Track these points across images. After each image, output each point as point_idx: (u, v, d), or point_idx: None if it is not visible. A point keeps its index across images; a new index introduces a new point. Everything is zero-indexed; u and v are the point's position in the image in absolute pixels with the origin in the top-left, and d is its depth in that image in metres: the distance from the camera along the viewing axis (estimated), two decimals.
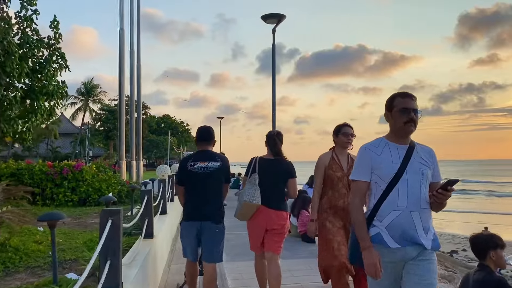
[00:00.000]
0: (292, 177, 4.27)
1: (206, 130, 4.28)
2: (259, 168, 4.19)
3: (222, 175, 4.12)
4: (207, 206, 3.98)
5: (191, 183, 4.06)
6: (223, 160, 4.16)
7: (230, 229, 8.72)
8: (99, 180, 11.29)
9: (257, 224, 4.16)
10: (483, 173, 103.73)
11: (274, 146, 4.26)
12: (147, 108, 73.64)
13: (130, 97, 18.44)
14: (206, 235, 3.96)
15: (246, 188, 4.14)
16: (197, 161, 4.07)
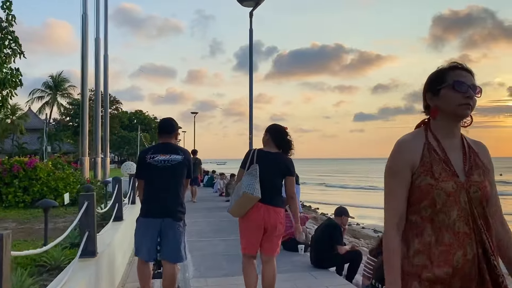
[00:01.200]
0: (291, 175, 4.01)
1: (168, 121, 4.15)
2: (258, 161, 3.89)
3: (184, 169, 3.93)
4: (168, 202, 3.79)
5: (150, 177, 3.86)
6: (185, 154, 3.99)
7: (200, 235, 8.05)
8: (56, 179, 10.15)
9: (255, 222, 3.82)
10: None
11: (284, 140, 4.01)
12: (119, 103, 71.99)
13: (96, 90, 17.21)
14: (167, 233, 3.76)
15: (244, 179, 3.81)
16: (157, 154, 3.88)
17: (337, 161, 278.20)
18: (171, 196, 3.83)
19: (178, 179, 3.90)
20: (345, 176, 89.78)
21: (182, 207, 3.91)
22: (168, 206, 3.79)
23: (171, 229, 3.77)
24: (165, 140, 4.05)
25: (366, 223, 30.52)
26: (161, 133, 4.10)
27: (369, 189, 56.11)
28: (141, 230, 3.84)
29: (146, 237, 3.79)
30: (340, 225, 5.54)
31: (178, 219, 3.82)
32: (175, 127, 4.14)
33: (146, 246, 3.81)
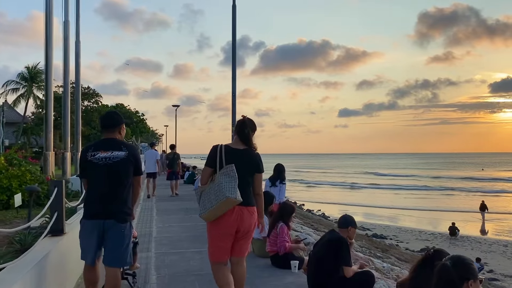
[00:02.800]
0: (260, 171, 3.84)
1: (109, 115, 3.99)
2: (226, 159, 3.67)
3: (130, 167, 3.70)
4: (111, 203, 3.58)
5: (91, 176, 3.68)
6: (130, 149, 3.74)
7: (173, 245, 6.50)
8: (9, 176, 8.83)
9: (227, 226, 3.58)
10: (424, 167, 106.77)
11: (243, 132, 3.79)
12: (99, 96, 69.81)
13: (64, 79, 15.74)
14: (109, 236, 3.57)
15: (222, 181, 3.55)
16: (98, 151, 3.67)
17: (320, 156, 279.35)
18: (114, 196, 3.59)
19: (122, 178, 3.64)
20: (326, 172, 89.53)
21: (127, 207, 3.66)
22: (109, 207, 3.56)
23: (114, 232, 3.56)
24: (108, 135, 3.79)
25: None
26: (104, 128, 3.84)
27: (346, 186, 55.94)
28: (83, 233, 3.64)
29: (88, 240, 3.59)
30: (346, 239, 4.36)
31: (121, 221, 3.58)
32: (119, 121, 3.88)
33: (89, 249, 3.60)
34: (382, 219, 30.49)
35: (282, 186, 7.98)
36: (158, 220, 8.97)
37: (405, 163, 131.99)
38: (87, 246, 3.61)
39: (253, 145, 3.83)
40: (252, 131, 3.85)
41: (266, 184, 8.09)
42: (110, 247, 3.58)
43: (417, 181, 59.79)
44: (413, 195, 44.93)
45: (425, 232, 25.28)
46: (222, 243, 3.63)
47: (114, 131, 3.81)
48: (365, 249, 11.94)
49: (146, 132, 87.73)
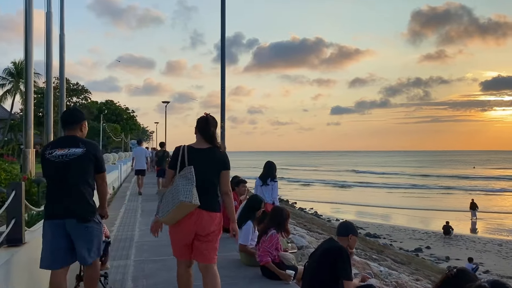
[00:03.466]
0: (226, 168, 3.66)
1: (70, 112, 3.98)
2: (189, 160, 3.52)
3: (89, 164, 3.57)
4: (69, 202, 3.45)
5: (49, 174, 3.57)
6: (88, 146, 3.60)
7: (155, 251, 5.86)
8: None
9: (185, 228, 3.47)
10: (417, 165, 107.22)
11: (207, 130, 3.64)
12: (88, 93, 68.89)
13: (47, 73, 14.98)
14: (74, 237, 3.45)
15: (179, 184, 3.41)
16: (55, 148, 3.55)
17: (312, 154, 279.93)
18: (72, 195, 3.48)
19: (80, 175, 3.52)
20: (317, 170, 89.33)
21: (88, 205, 3.54)
22: (68, 206, 3.46)
23: (77, 231, 3.46)
24: (68, 132, 3.69)
25: (345, 218, 29.56)
26: (64, 125, 3.74)
27: (338, 185, 55.67)
28: (45, 234, 3.52)
29: (51, 242, 3.45)
30: (346, 248, 3.84)
31: (82, 220, 3.46)
32: (80, 117, 3.77)
33: (53, 251, 3.43)
34: (374, 217, 30.20)
35: (274, 184, 7.45)
36: (142, 223, 8.40)
37: (397, 161, 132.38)
38: (50, 248, 3.46)
39: (218, 143, 3.68)
40: (215, 129, 3.71)
41: (256, 183, 7.54)
42: (79, 247, 3.48)
43: (408, 180, 59.73)
44: (404, 194, 44.77)
45: (418, 231, 24.97)
46: (181, 244, 3.55)
47: (74, 128, 3.69)
48: (360, 250, 11.46)
49: (137, 129, 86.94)
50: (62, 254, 3.46)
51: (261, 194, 7.03)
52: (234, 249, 6.23)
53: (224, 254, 5.96)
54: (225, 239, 7.29)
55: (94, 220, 3.56)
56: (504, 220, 29.18)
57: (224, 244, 6.71)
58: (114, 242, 6.73)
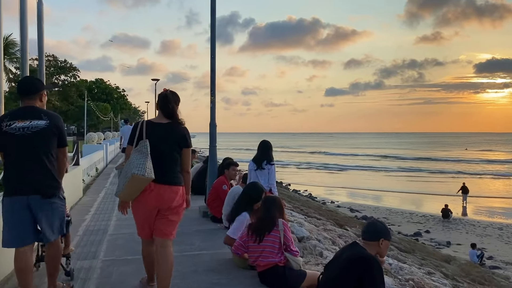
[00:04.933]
0: (187, 146, 3.59)
1: (28, 80, 3.77)
2: (147, 134, 3.43)
3: (52, 137, 3.36)
4: (32, 177, 3.26)
5: (8, 148, 3.32)
6: (51, 118, 3.39)
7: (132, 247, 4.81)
8: None
9: (146, 204, 3.40)
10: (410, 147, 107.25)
11: (166, 106, 3.55)
12: (76, 70, 66.97)
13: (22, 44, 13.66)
14: (38, 213, 3.27)
15: (133, 158, 3.33)
16: (15, 120, 3.30)
17: (305, 136, 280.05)
18: (35, 169, 3.27)
19: (43, 149, 3.31)
20: (310, 151, 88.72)
21: (53, 180, 3.35)
22: (31, 181, 3.25)
23: (42, 208, 3.27)
24: (27, 103, 3.43)
25: (340, 200, 28.81)
26: (22, 94, 3.50)
27: (331, 167, 55.02)
28: (7, 212, 3.28)
29: (12, 220, 3.24)
30: (376, 257, 2.85)
31: (47, 196, 3.28)
32: (37, 86, 3.52)
33: (14, 230, 3.23)
34: (368, 200, 29.46)
35: (270, 168, 6.26)
36: None
37: (389, 143, 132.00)
38: (12, 227, 3.26)
39: (179, 119, 3.58)
40: (176, 104, 3.60)
41: (250, 167, 6.36)
42: (42, 223, 3.30)
43: (400, 163, 59.06)
44: (396, 176, 44.08)
45: (416, 214, 24.26)
46: (144, 222, 3.49)
47: (34, 98, 3.44)
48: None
49: (127, 108, 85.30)
50: (25, 231, 3.27)
51: (255, 179, 5.96)
52: (226, 244, 5.25)
53: (215, 252, 4.96)
54: (216, 232, 6.14)
55: (59, 196, 3.41)
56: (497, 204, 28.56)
57: (214, 238, 5.70)
58: (84, 235, 5.71)
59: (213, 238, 5.59)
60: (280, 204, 4.04)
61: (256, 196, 4.58)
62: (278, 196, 4.40)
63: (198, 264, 4.49)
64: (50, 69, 63.17)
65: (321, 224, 10.93)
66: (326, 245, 7.11)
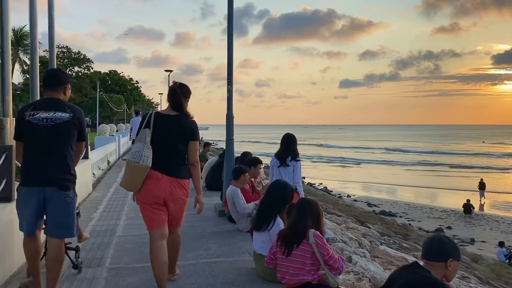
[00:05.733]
0: (194, 139, 3.56)
1: (54, 72, 3.63)
2: (154, 125, 3.44)
3: (73, 130, 3.37)
4: (51, 168, 3.26)
5: (29, 138, 3.32)
6: (75, 111, 3.40)
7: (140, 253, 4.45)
8: None
9: (154, 193, 3.38)
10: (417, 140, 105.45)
11: (174, 98, 3.57)
12: (90, 62, 66.95)
13: (31, 34, 13.23)
14: (51, 205, 3.27)
15: (133, 146, 3.41)
16: (38, 111, 3.32)
17: (318, 128, 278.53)
18: (55, 161, 3.27)
19: (64, 141, 3.32)
20: (324, 144, 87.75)
21: (70, 174, 3.34)
22: (50, 172, 3.25)
23: (56, 200, 3.26)
24: (51, 94, 3.41)
25: (357, 194, 28.11)
26: (46, 86, 3.45)
27: (343, 160, 54.10)
28: (21, 201, 3.32)
29: (26, 209, 3.29)
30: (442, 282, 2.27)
31: (64, 188, 3.28)
32: (62, 79, 3.49)
33: (27, 219, 3.30)
34: (386, 194, 28.70)
35: (296, 164, 5.54)
36: (131, 206, 6.84)
37: (403, 136, 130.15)
38: (26, 216, 3.32)
39: (187, 112, 3.60)
40: (185, 97, 3.63)
41: (272, 163, 5.69)
42: (53, 217, 3.30)
43: (416, 156, 57.83)
44: (411, 170, 43.00)
45: (436, 209, 23.49)
46: (152, 214, 3.44)
47: (58, 90, 3.46)
48: (387, 237, 9.96)
49: (141, 100, 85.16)
50: (37, 222, 3.33)
51: (278, 177, 5.33)
52: (245, 250, 4.69)
53: (233, 259, 4.41)
54: (234, 234, 5.49)
55: (74, 191, 3.40)
56: None
57: (232, 242, 5.07)
58: (91, 236, 5.21)
59: (231, 242, 5.04)
60: (317, 211, 3.40)
61: (289, 197, 3.92)
62: (315, 201, 3.67)
63: (216, 275, 3.93)
64: (64, 61, 63.23)
65: (343, 221, 10.36)
66: (353, 248, 6.54)
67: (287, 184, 4.01)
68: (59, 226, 3.29)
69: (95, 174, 11.02)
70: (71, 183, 3.35)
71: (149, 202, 3.41)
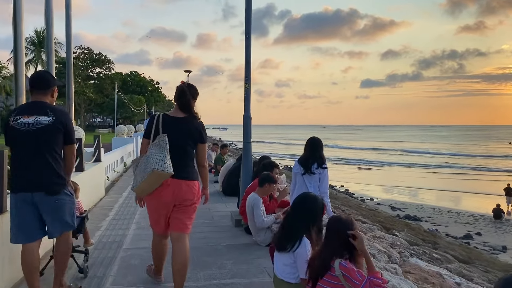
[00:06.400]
0: (203, 141, 3.58)
1: (40, 75, 3.56)
2: (163, 128, 3.40)
3: (57, 134, 3.30)
4: (36, 173, 3.22)
5: (14, 144, 3.32)
6: (57, 114, 3.32)
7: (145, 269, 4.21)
8: None
9: (162, 198, 3.39)
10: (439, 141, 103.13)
11: (182, 99, 3.51)
12: (111, 63, 67.49)
13: (47, 34, 13.01)
14: (43, 210, 3.25)
15: (152, 152, 3.31)
16: (21, 115, 3.29)
17: (339, 128, 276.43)
18: (39, 166, 3.23)
19: (47, 146, 3.25)
20: (344, 145, 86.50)
21: (57, 177, 3.29)
22: (36, 178, 3.22)
23: (47, 205, 3.24)
24: (37, 98, 3.37)
25: (379, 197, 27.28)
26: (32, 89, 3.39)
27: (363, 162, 52.96)
28: (12, 209, 3.30)
29: (19, 216, 3.24)
30: None
31: (52, 193, 3.24)
32: (49, 81, 3.45)
33: (22, 226, 3.24)
34: (410, 197, 27.77)
35: (322, 172, 4.85)
36: (142, 216, 6.38)
37: (426, 136, 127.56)
38: (19, 223, 3.25)
39: (195, 113, 3.53)
40: (193, 98, 3.55)
41: (295, 170, 5.03)
42: (48, 221, 3.29)
43: (439, 159, 56.23)
44: (435, 173, 41.68)
45: (463, 214, 22.49)
46: (159, 217, 3.47)
47: (45, 93, 3.39)
48: (416, 247, 9.30)
49: (161, 101, 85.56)
50: (30, 228, 3.26)
51: (302, 186, 4.77)
52: (264, 269, 4.16)
53: (250, 281, 3.89)
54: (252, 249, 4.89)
55: (65, 192, 3.35)
56: None
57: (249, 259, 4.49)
58: (95, 249, 4.78)
59: (248, 259, 4.51)
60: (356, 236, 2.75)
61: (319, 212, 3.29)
62: (351, 219, 2.97)
63: None
64: (85, 62, 63.89)
65: (368, 229, 9.74)
66: (382, 262, 5.95)
67: (316, 198, 3.31)
68: (56, 226, 3.31)
69: (109, 177, 10.67)
70: (60, 186, 3.30)
71: (156, 208, 3.44)
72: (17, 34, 10.04)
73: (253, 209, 5.09)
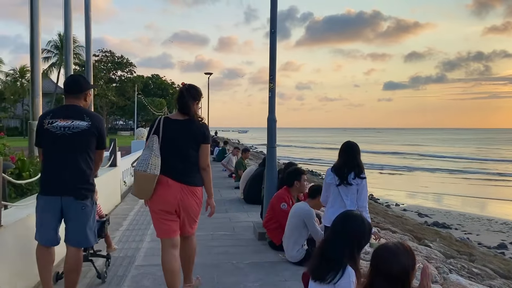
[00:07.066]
0: (206, 142, 3.49)
1: (75, 79, 3.63)
2: (164, 131, 3.40)
3: (92, 139, 3.36)
4: (68, 178, 3.24)
5: (47, 146, 3.33)
6: (93, 119, 3.38)
7: None
8: None
9: (166, 204, 3.34)
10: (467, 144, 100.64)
11: (181, 102, 3.47)
12: (132, 66, 68.04)
13: (66, 36, 12.76)
14: (68, 215, 3.27)
15: (142, 154, 3.35)
16: (57, 118, 3.32)
17: (361, 131, 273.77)
18: (72, 171, 3.26)
19: (82, 150, 3.31)
20: (367, 148, 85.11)
21: (88, 183, 3.34)
22: (67, 182, 3.23)
23: (73, 210, 3.27)
24: (71, 101, 3.41)
25: (405, 203, 26.37)
26: (66, 93, 3.44)
27: (386, 166, 51.74)
28: (39, 209, 3.32)
29: (44, 218, 3.28)
30: None
31: (81, 197, 3.26)
32: (82, 85, 3.47)
33: (43, 228, 3.28)
34: (437, 203, 26.74)
35: (361, 183, 4.12)
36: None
37: (450, 140, 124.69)
38: (42, 224, 3.29)
39: (196, 115, 3.47)
40: (193, 99, 3.48)
41: (328, 180, 4.21)
42: (70, 226, 3.29)
43: (464, 164, 54.49)
44: (462, 178, 40.21)
45: (495, 221, 21.41)
46: (164, 223, 3.38)
47: (78, 97, 3.41)
48: (453, 260, 8.59)
49: None
50: (52, 233, 3.27)
51: (337, 199, 4.12)
52: None
53: None
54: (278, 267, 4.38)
55: (91, 201, 3.34)
56: None
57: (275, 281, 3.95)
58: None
59: (275, 281, 3.97)
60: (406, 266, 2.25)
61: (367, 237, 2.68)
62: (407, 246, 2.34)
63: None
64: (107, 65, 64.50)
65: (398, 238, 9.10)
66: None
67: (363, 219, 2.69)
68: (76, 235, 3.29)
69: (127, 182, 10.29)
70: (89, 192, 3.32)
71: (159, 211, 3.36)
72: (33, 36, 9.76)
73: (305, 220, 4.66)
